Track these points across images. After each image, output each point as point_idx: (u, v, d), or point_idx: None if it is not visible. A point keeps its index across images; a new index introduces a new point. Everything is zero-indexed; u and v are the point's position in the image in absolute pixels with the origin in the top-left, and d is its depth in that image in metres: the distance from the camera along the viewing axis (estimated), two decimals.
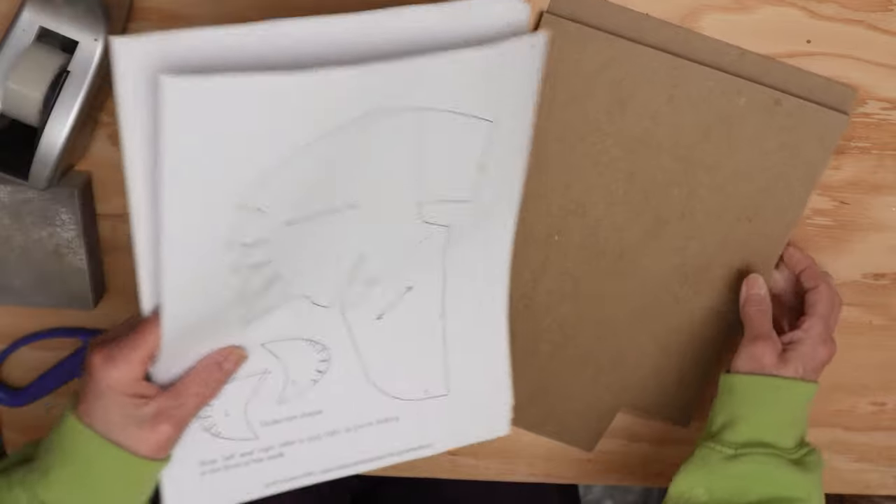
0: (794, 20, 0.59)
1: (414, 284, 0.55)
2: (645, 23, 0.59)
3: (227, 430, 0.54)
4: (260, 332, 0.51)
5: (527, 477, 0.77)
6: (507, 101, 0.50)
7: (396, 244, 0.53)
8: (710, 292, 0.67)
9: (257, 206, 0.45)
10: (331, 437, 0.57)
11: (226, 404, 0.53)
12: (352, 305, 0.54)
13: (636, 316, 0.68)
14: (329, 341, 0.55)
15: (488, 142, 0.51)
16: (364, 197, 0.49)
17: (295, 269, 0.50)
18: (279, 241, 0.47)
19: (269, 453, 0.56)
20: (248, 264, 0.47)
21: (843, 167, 0.65)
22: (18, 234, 0.62)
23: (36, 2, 0.54)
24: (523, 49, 0.48)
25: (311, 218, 0.48)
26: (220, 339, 0.50)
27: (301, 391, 0.55)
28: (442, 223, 0.53)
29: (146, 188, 0.43)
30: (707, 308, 0.67)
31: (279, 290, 0.50)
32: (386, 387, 0.58)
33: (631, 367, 0.70)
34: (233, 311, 0.49)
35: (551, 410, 0.72)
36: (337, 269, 0.52)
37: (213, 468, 0.54)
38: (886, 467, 0.78)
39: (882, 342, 0.72)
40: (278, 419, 0.55)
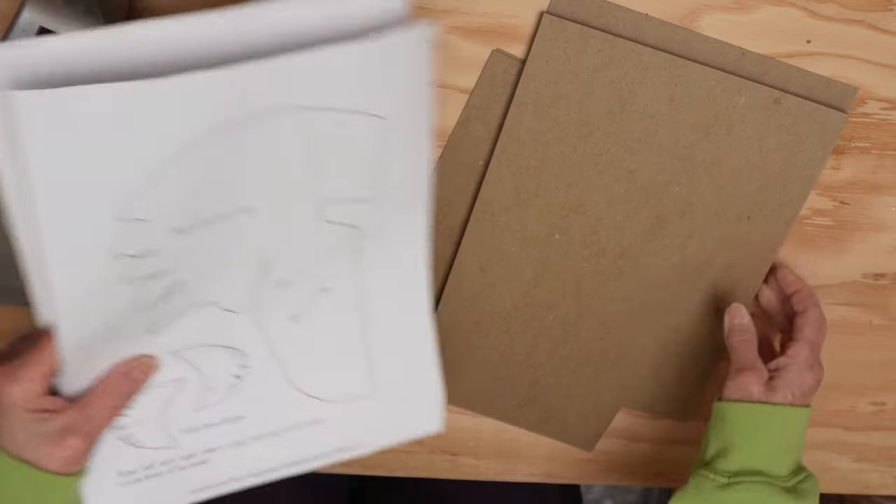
0: (794, 20, 0.59)
1: (328, 286, 0.54)
2: (645, 23, 0.59)
3: (145, 439, 0.53)
4: (170, 340, 0.51)
5: (527, 477, 0.77)
6: (399, 96, 0.49)
7: (303, 246, 0.52)
8: (709, 290, 0.67)
9: (137, 216, 0.44)
10: (256, 441, 0.57)
11: (142, 413, 0.52)
12: (264, 309, 0.53)
13: (636, 314, 0.68)
14: (244, 346, 0.54)
15: (382, 138, 0.50)
16: (258, 200, 0.48)
17: (197, 276, 0.49)
18: (172, 249, 0.46)
19: (191, 461, 0.55)
20: (139, 275, 0.46)
21: (842, 167, 0.65)
22: None
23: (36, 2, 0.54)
24: (410, 42, 0.47)
25: (205, 225, 0.47)
26: (128, 348, 0.50)
27: (220, 397, 0.55)
28: (348, 223, 0.52)
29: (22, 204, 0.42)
30: (707, 306, 0.67)
31: (183, 298, 0.49)
32: (308, 389, 0.57)
33: (631, 366, 0.70)
34: (135, 321, 0.48)
35: (551, 410, 0.72)
36: (242, 273, 0.51)
37: (134, 478, 0.54)
38: (886, 467, 0.78)
39: (882, 342, 0.72)
40: (198, 426, 0.55)
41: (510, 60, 0.60)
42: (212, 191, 0.46)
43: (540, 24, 0.58)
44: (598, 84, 0.60)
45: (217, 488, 0.57)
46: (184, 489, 0.56)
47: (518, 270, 0.66)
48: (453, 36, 0.59)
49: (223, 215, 0.47)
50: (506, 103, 0.61)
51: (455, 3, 0.58)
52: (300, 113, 0.46)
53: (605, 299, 0.67)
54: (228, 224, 0.48)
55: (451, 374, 0.70)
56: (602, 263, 0.66)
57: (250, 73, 0.43)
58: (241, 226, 0.49)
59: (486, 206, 0.64)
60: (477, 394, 0.71)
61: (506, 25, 0.59)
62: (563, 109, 0.61)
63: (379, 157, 0.51)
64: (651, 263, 0.66)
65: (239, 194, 0.47)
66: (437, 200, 0.64)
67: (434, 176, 0.63)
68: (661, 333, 0.69)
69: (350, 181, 0.51)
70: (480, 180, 0.63)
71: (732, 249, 0.65)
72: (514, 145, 0.62)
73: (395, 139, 0.50)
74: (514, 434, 0.74)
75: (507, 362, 0.70)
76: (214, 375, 0.54)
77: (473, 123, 0.62)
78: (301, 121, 0.47)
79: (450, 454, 0.75)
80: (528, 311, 0.68)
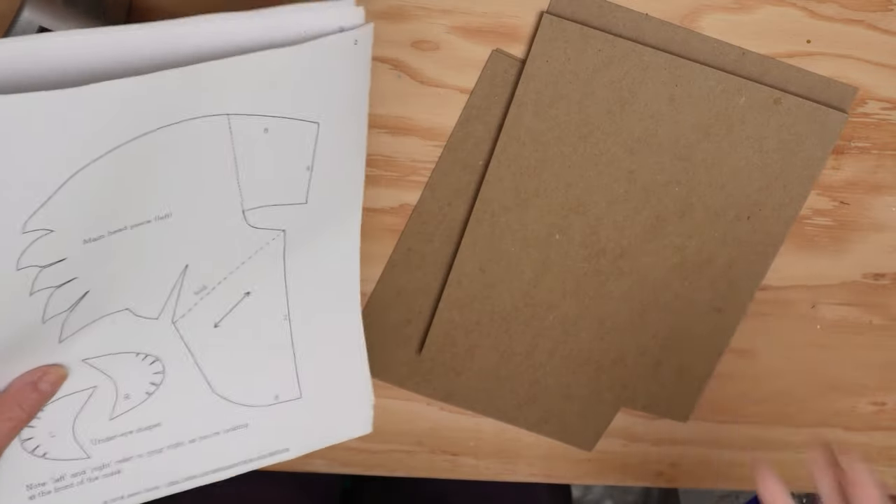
0: (794, 20, 0.59)
1: (252, 290, 0.53)
2: (645, 23, 0.59)
3: (54, 450, 0.52)
4: (79, 348, 0.49)
5: (527, 477, 0.77)
6: (334, 100, 0.47)
7: (225, 251, 0.50)
8: (709, 290, 0.67)
9: (45, 227, 0.42)
10: (174, 449, 0.56)
11: (50, 424, 0.51)
12: (182, 315, 0.52)
13: (637, 314, 0.68)
14: (161, 353, 0.53)
15: (314, 143, 0.48)
16: (177, 207, 0.47)
17: (107, 283, 0.47)
18: (80, 258, 0.45)
19: (104, 471, 0.54)
20: (47, 285, 0.45)
21: (842, 167, 0.65)
22: None
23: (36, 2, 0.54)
24: (344, 45, 0.45)
25: (116, 232, 0.45)
26: (34, 358, 0.48)
27: (135, 405, 0.53)
28: (275, 227, 0.51)
29: None
30: (707, 305, 0.67)
31: (92, 305, 0.48)
32: (231, 395, 0.56)
33: (631, 366, 0.70)
34: (41, 331, 0.47)
35: (551, 410, 0.72)
36: (160, 280, 0.49)
37: (43, 491, 0.52)
38: (886, 467, 0.78)
39: (882, 342, 0.72)
40: (112, 435, 0.53)
41: (510, 60, 0.60)
42: (126, 199, 0.44)
43: (540, 24, 0.58)
44: (598, 84, 0.60)
45: (130, 499, 0.56)
46: (96, 501, 0.55)
47: (518, 270, 0.66)
48: (453, 36, 0.59)
49: (138, 223, 0.46)
50: (506, 103, 0.61)
51: (455, 3, 0.58)
52: (223, 119, 0.44)
53: (605, 299, 0.67)
54: (144, 232, 0.46)
55: (451, 374, 0.70)
56: (602, 263, 0.66)
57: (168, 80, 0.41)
58: (159, 233, 0.47)
59: (486, 206, 0.64)
60: (477, 394, 0.71)
61: (506, 25, 0.59)
62: (563, 109, 0.61)
63: (309, 162, 0.49)
64: (651, 263, 0.66)
65: (157, 202, 0.46)
66: (437, 200, 0.64)
67: (434, 176, 0.63)
68: (661, 333, 0.69)
69: (277, 186, 0.49)
70: (480, 180, 0.63)
71: (732, 249, 0.65)
72: (514, 145, 0.62)
73: (328, 143, 0.49)
74: (514, 434, 0.74)
75: (507, 362, 0.70)
76: (129, 383, 0.52)
77: (473, 123, 0.62)
78: (224, 127, 0.45)
79: (450, 454, 0.75)
80: (528, 311, 0.68)
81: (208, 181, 0.47)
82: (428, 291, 0.67)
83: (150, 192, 0.45)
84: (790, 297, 0.70)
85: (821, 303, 0.70)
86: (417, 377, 0.71)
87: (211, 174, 0.46)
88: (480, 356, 0.70)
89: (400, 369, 0.70)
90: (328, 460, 0.75)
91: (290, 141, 0.47)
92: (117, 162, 0.42)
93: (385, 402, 0.73)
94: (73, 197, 0.42)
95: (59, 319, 0.47)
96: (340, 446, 0.74)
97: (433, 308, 0.68)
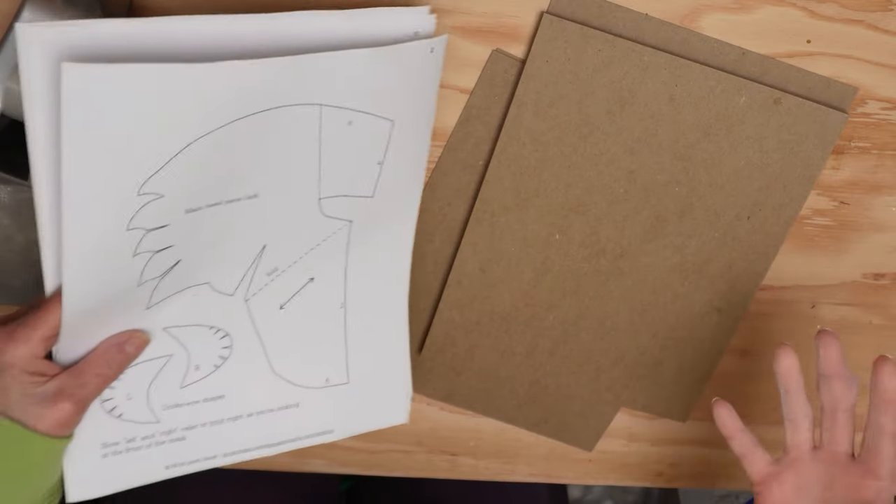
0: (794, 20, 0.59)
1: (316, 276, 0.57)
2: (645, 23, 0.59)
3: (130, 412, 0.55)
4: (162, 316, 0.53)
5: (527, 477, 0.77)
6: (407, 101, 0.52)
7: (298, 236, 0.54)
8: (709, 290, 0.67)
9: (158, 192, 0.46)
10: (233, 422, 0.59)
11: (128, 387, 0.54)
12: (254, 294, 0.55)
13: (636, 314, 0.68)
14: (232, 328, 0.56)
15: (388, 140, 0.53)
16: (264, 188, 0.51)
17: (196, 255, 0.51)
18: (180, 227, 0.49)
19: (170, 436, 0.57)
20: (148, 248, 0.48)
21: (842, 167, 0.65)
22: (18, 234, 0.62)
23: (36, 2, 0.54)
24: (422, 51, 0.50)
25: (212, 206, 0.49)
26: (123, 321, 0.51)
27: (204, 376, 0.57)
28: (344, 218, 0.55)
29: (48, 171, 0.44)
30: (707, 305, 0.67)
31: (180, 276, 0.51)
32: (287, 374, 0.59)
33: (631, 366, 0.70)
34: (134, 295, 0.50)
35: (551, 410, 0.72)
36: (239, 258, 0.53)
37: (115, 450, 0.56)
38: None
39: (882, 342, 0.72)
40: (180, 403, 0.57)
41: (510, 60, 0.60)
42: (225, 175, 0.48)
43: (540, 24, 0.58)
44: (598, 84, 0.60)
45: (190, 465, 0.59)
46: (159, 464, 0.58)
47: (518, 270, 0.66)
48: (453, 36, 0.59)
49: (232, 199, 0.50)
50: (506, 103, 0.61)
51: (455, 3, 0.58)
52: (316, 109, 0.49)
53: (605, 299, 0.67)
54: (234, 208, 0.50)
55: (451, 374, 0.70)
56: (602, 263, 0.66)
57: (279, 67, 0.45)
58: (245, 212, 0.51)
59: (486, 206, 0.64)
60: (477, 394, 0.72)
61: (506, 25, 0.59)
62: (563, 109, 0.61)
63: (381, 157, 0.54)
64: (651, 263, 0.66)
65: (249, 181, 0.50)
66: (438, 200, 0.64)
67: (434, 176, 0.63)
68: (661, 333, 0.69)
69: (352, 178, 0.53)
70: (480, 180, 0.63)
71: (732, 249, 0.65)
72: (514, 145, 0.62)
73: (399, 141, 0.53)
74: (514, 434, 0.74)
75: (507, 362, 0.70)
76: (201, 354, 0.56)
77: (473, 123, 0.62)
78: (315, 117, 0.49)
79: (449, 454, 0.75)
80: (528, 311, 0.68)
81: (294, 167, 0.51)
82: (428, 291, 0.67)
83: (245, 172, 0.49)
84: (790, 297, 0.70)
85: (821, 303, 0.70)
86: (417, 377, 0.71)
87: (298, 160, 0.51)
88: (480, 356, 0.70)
89: None
90: (327, 460, 0.75)
91: (367, 135, 0.52)
92: (225, 138, 0.46)
93: None
94: (184, 166, 0.46)
95: (151, 285, 0.50)
96: (339, 446, 0.74)
97: (433, 308, 0.68)
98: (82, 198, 0.44)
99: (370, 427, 0.64)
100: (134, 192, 0.45)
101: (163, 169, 0.45)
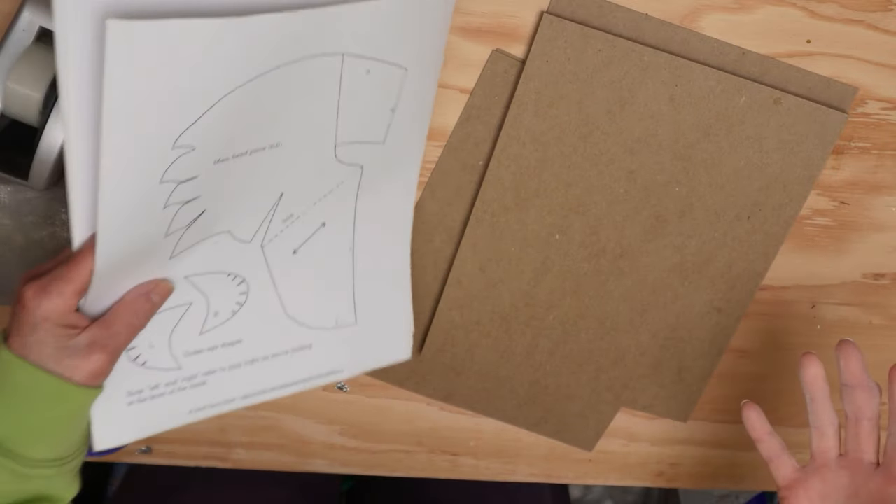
0: (794, 20, 0.59)
1: (328, 221, 0.59)
2: (645, 23, 0.59)
3: (153, 360, 0.57)
4: (184, 265, 0.54)
5: (527, 477, 0.77)
6: (420, 49, 0.54)
7: (314, 183, 0.56)
8: (709, 289, 0.67)
9: (191, 144, 0.47)
10: (250, 365, 0.61)
11: (151, 336, 0.56)
12: (270, 241, 0.57)
13: (637, 314, 0.68)
14: (248, 274, 0.58)
15: (401, 87, 0.54)
16: (287, 137, 0.52)
17: (220, 205, 0.52)
18: (208, 178, 0.50)
19: (192, 382, 0.59)
20: (178, 200, 0.49)
21: (842, 167, 0.65)
22: (18, 234, 0.62)
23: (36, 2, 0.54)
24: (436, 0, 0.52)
25: (239, 157, 0.50)
26: (147, 271, 0.53)
27: (222, 322, 0.58)
28: (356, 163, 0.57)
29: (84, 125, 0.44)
30: (707, 305, 0.67)
31: (204, 226, 0.53)
32: (300, 316, 0.61)
33: (631, 365, 0.70)
34: (160, 245, 0.51)
35: (551, 410, 0.72)
36: (259, 206, 0.55)
37: (140, 398, 0.57)
38: None
39: (882, 342, 0.72)
40: (201, 349, 0.58)
41: (510, 60, 0.60)
42: (253, 125, 0.49)
43: (540, 24, 0.58)
44: (598, 84, 0.60)
45: (212, 409, 0.61)
46: (182, 409, 0.59)
47: (518, 270, 0.66)
48: (453, 36, 0.59)
49: (255, 149, 0.51)
50: (506, 103, 0.61)
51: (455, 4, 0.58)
52: (338, 59, 0.50)
53: (605, 299, 0.67)
54: (258, 158, 0.51)
55: (451, 374, 0.70)
56: (602, 263, 0.66)
57: (308, 18, 0.47)
58: (267, 161, 0.52)
59: (486, 206, 0.64)
60: (477, 394, 0.71)
61: (506, 25, 0.59)
62: (563, 109, 0.61)
63: (394, 104, 0.55)
64: (651, 263, 0.66)
65: (273, 131, 0.51)
66: (438, 200, 0.64)
67: (434, 176, 0.63)
68: (662, 333, 0.69)
69: (366, 125, 0.55)
70: (480, 180, 0.63)
71: (732, 249, 0.65)
72: (514, 145, 0.62)
73: (411, 88, 0.55)
74: (514, 434, 0.74)
75: (507, 362, 0.70)
76: (219, 301, 0.57)
77: (473, 123, 0.62)
78: (337, 67, 0.51)
79: (450, 454, 0.75)
80: (528, 311, 0.68)
81: (316, 115, 0.52)
82: (428, 291, 0.67)
83: (270, 122, 0.50)
84: (790, 297, 0.70)
85: (821, 303, 0.70)
86: (417, 377, 0.71)
87: (319, 109, 0.52)
88: (480, 356, 0.70)
89: (400, 369, 0.70)
90: (328, 460, 0.75)
91: (382, 83, 0.53)
92: (256, 90, 0.47)
93: (385, 402, 0.73)
94: (217, 119, 0.47)
95: (177, 236, 0.51)
96: (340, 446, 0.74)
97: (433, 308, 0.68)
98: (122, 152, 0.45)
99: (376, 364, 0.66)
100: (170, 145, 0.46)
101: (197, 122, 0.46)
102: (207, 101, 0.46)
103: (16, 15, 0.54)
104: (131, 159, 0.45)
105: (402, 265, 0.64)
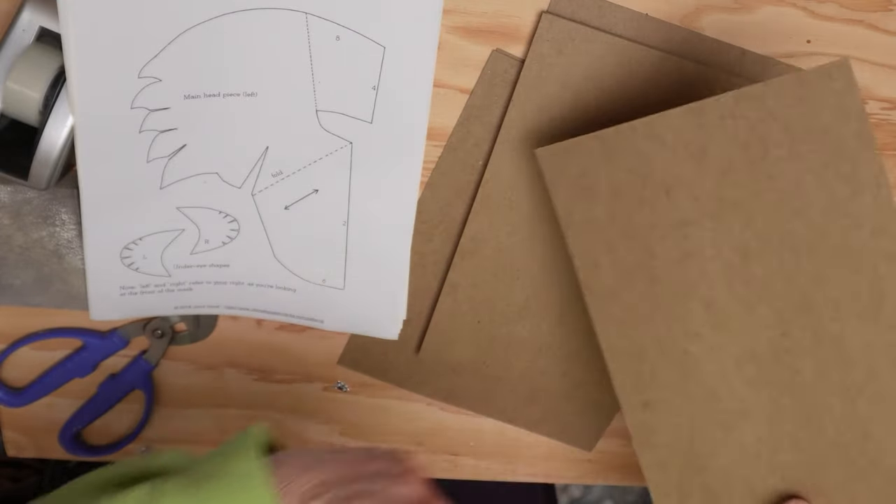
0: (794, 20, 0.59)
1: (320, 189, 0.61)
2: (645, 23, 0.59)
3: (145, 267, 0.63)
4: (175, 197, 0.60)
5: (527, 477, 0.77)
6: (403, 29, 0.55)
7: (300, 144, 0.59)
8: None
9: (155, 76, 0.54)
10: (235, 285, 0.65)
11: (144, 250, 0.62)
12: (261, 191, 0.61)
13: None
14: (239, 216, 0.62)
15: (381, 66, 0.56)
16: (261, 88, 0.56)
17: (201, 143, 0.58)
18: (181, 111, 0.56)
19: (179, 287, 0.65)
20: (152, 127, 0.56)
21: None
22: (18, 234, 0.62)
23: (36, 2, 0.54)
24: None
25: (211, 97, 0.56)
26: (141, 199, 0.59)
27: (212, 248, 0.64)
28: (344, 137, 0.59)
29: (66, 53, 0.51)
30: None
31: (188, 160, 0.58)
32: (288, 264, 0.64)
33: None
34: (146, 173, 0.58)
35: (551, 410, 0.72)
36: (245, 154, 0.59)
37: (132, 292, 0.64)
38: None
39: None
40: (190, 265, 0.64)
41: (510, 60, 0.60)
42: (218, 67, 0.55)
43: (540, 24, 0.58)
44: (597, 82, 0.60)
45: (195, 309, 0.66)
46: (168, 305, 0.66)
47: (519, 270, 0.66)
48: (453, 36, 0.59)
49: (230, 93, 0.56)
50: (505, 103, 0.61)
51: (455, 3, 0.58)
52: (301, 17, 0.54)
53: None
54: (233, 103, 0.57)
55: (451, 374, 0.70)
56: None
57: None
58: (244, 108, 0.57)
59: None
60: (477, 394, 0.72)
61: (506, 25, 0.59)
62: (562, 109, 0.60)
63: (375, 83, 0.57)
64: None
65: (245, 79, 0.56)
66: (438, 200, 0.64)
67: (434, 176, 0.63)
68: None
69: (346, 97, 0.57)
70: (480, 180, 0.63)
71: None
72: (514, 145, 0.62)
73: (394, 69, 0.56)
74: (514, 434, 0.74)
75: (508, 362, 0.70)
76: (209, 232, 0.63)
77: (473, 123, 0.62)
78: (302, 24, 0.54)
79: (450, 454, 0.75)
80: (528, 310, 0.68)
81: (289, 71, 0.56)
82: (428, 291, 0.67)
83: (238, 68, 0.55)
84: None
85: None
86: (417, 377, 0.71)
87: (291, 64, 0.56)
88: (480, 356, 0.70)
89: (400, 369, 0.70)
90: None
91: (357, 56, 0.56)
92: (214, 30, 0.53)
93: (385, 402, 0.73)
94: (178, 54, 0.54)
95: (161, 164, 0.58)
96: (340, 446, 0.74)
97: (432, 308, 0.68)
98: (88, 81, 0.53)
99: (359, 330, 0.67)
100: (134, 74, 0.54)
101: (159, 55, 0.53)
102: (166, 35, 0.53)
103: (16, 15, 0.54)
104: (99, 87, 0.53)
105: (399, 255, 0.64)
